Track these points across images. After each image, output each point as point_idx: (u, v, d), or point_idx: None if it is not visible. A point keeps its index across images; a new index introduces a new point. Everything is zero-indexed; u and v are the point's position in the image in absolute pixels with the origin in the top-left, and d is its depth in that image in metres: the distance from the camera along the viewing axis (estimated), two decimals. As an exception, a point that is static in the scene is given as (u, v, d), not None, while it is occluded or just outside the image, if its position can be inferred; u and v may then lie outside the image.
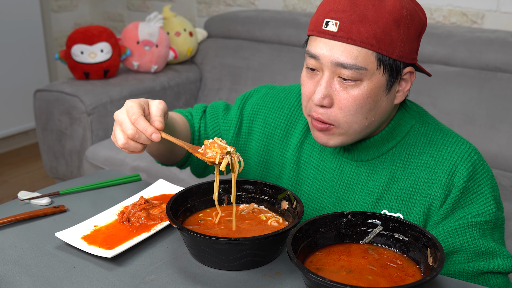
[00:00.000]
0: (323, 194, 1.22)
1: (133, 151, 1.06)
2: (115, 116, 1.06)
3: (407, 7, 1.04)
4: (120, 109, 1.07)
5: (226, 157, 1.04)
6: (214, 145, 1.06)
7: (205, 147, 1.07)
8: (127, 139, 1.04)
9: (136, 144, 1.05)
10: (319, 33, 1.05)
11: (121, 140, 1.04)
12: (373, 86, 1.05)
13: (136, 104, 1.05)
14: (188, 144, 1.09)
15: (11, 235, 1.09)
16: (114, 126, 1.07)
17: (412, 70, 1.09)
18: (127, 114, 1.04)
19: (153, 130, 1.03)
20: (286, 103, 1.29)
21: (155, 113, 1.07)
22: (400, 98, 1.11)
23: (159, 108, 1.08)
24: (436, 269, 0.85)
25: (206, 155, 1.05)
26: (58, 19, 3.95)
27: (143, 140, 1.04)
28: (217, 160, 1.04)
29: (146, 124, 1.03)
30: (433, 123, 1.18)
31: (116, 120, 1.06)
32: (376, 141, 1.15)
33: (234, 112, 1.32)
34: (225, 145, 1.06)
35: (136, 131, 1.03)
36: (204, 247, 0.97)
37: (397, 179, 1.15)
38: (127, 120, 1.04)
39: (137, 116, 1.03)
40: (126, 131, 1.03)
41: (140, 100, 1.07)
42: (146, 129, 1.03)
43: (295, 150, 1.25)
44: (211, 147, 1.06)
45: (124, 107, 1.06)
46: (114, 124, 1.07)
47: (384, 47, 1.02)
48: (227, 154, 1.04)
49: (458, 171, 1.10)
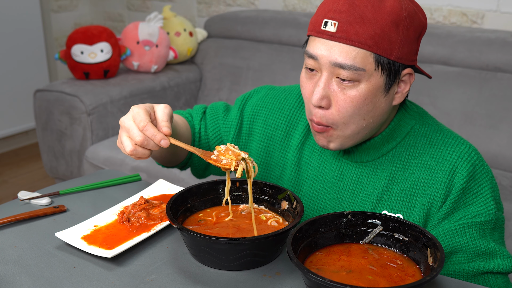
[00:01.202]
0: (323, 195, 1.22)
1: (141, 157, 1.06)
2: (121, 123, 1.06)
3: (407, 8, 1.04)
4: (125, 115, 1.07)
5: (241, 163, 1.04)
6: (228, 152, 1.05)
7: (218, 153, 1.06)
8: (135, 145, 1.04)
9: (144, 151, 1.05)
10: (318, 33, 1.05)
11: (129, 147, 1.04)
12: (371, 87, 1.05)
13: (142, 110, 1.05)
14: (199, 149, 1.08)
15: (11, 235, 1.09)
16: (120, 132, 1.07)
17: (411, 72, 1.08)
18: (133, 121, 1.04)
19: (161, 136, 1.03)
20: (287, 104, 1.29)
21: (161, 118, 1.07)
22: (399, 100, 1.10)
23: (165, 112, 1.08)
24: (436, 269, 0.85)
25: (221, 162, 1.05)
26: (58, 19, 3.95)
27: (152, 146, 1.04)
28: (233, 167, 1.04)
29: (154, 130, 1.03)
30: (433, 123, 1.18)
31: (123, 126, 1.06)
32: (376, 143, 1.15)
33: (234, 113, 1.32)
34: (239, 151, 1.06)
35: (145, 138, 1.03)
36: (204, 247, 0.97)
37: (397, 180, 1.15)
38: (135, 127, 1.04)
39: (145, 123, 1.03)
40: (134, 138, 1.03)
41: (145, 106, 1.07)
42: (155, 135, 1.03)
43: (296, 151, 1.25)
44: (225, 153, 1.05)
45: (130, 113, 1.06)
46: (120, 130, 1.07)
47: (383, 48, 1.02)
48: (242, 161, 1.04)
49: (458, 171, 1.10)
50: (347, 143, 1.11)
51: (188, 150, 1.08)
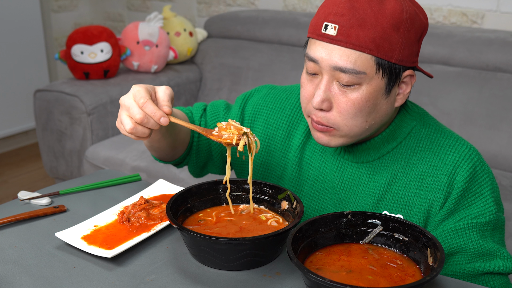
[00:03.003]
0: (324, 195, 1.22)
1: (140, 136, 1.05)
2: (121, 101, 1.05)
3: (408, 10, 1.03)
4: (126, 95, 1.06)
5: (243, 137, 1.04)
6: (229, 127, 1.05)
7: (219, 129, 1.06)
8: (135, 123, 1.03)
9: (144, 129, 1.04)
10: (318, 36, 1.05)
11: (129, 125, 1.03)
12: (372, 90, 1.05)
13: (143, 89, 1.04)
14: (199, 127, 1.08)
15: (11, 235, 1.09)
16: (120, 112, 1.06)
17: (412, 73, 1.08)
18: (134, 99, 1.03)
19: (161, 114, 1.03)
20: (288, 104, 1.29)
21: (162, 97, 1.06)
22: (401, 101, 1.10)
23: (166, 93, 1.07)
24: (436, 269, 0.85)
25: (222, 136, 1.04)
26: (58, 19, 3.94)
27: (151, 124, 1.03)
28: (234, 141, 1.03)
29: (154, 108, 1.02)
30: (434, 124, 1.17)
31: (123, 105, 1.04)
32: (376, 143, 1.15)
33: (235, 112, 1.32)
34: (240, 126, 1.06)
35: (145, 116, 1.02)
36: (204, 247, 0.97)
37: (398, 181, 1.15)
38: (135, 104, 1.03)
39: (145, 100, 1.02)
40: (134, 115, 1.02)
41: (146, 85, 1.06)
42: (154, 113, 1.02)
43: (297, 151, 1.25)
44: (226, 128, 1.05)
45: (131, 91, 1.05)
46: (120, 109, 1.06)
47: (383, 51, 1.02)
48: (244, 135, 1.04)
49: (458, 172, 1.10)
50: (349, 141, 1.11)
51: (188, 127, 1.08)
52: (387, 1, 1.03)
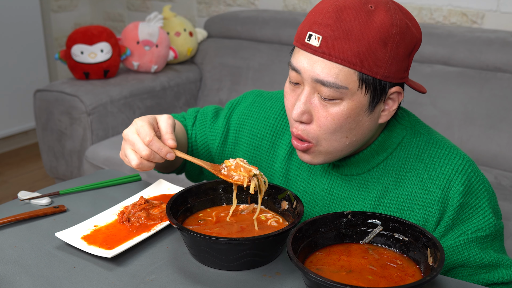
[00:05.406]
0: (313, 207, 1.19)
1: (146, 169, 1.07)
2: (125, 136, 1.06)
3: (398, 23, 0.97)
4: (128, 128, 1.07)
5: (253, 179, 1.04)
6: (239, 168, 1.05)
7: (228, 169, 1.06)
8: (140, 159, 1.05)
9: (150, 164, 1.06)
10: (302, 46, 1.00)
11: (135, 160, 1.05)
12: (354, 106, 1.00)
13: (146, 124, 1.05)
14: (207, 163, 1.08)
15: (11, 235, 1.09)
16: (123, 145, 1.07)
17: (399, 90, 1.03)
18: (138, 135, 1.04)
19: (167, 150, 1.05)
20: (272, 113, 1.25)
21: (165, 130, 1.08)
22: (385, 118, 1.05)
23: (169, 124, 1.08)
24: (436, 269, 0.85)
25: (232, 177, 1.05)
26: (58, 19, 3.95)
27: (158, 159, 1.05)
28: (245, 183, 1.04)
29: (160, 144, 1.04)
30: (426, 133, 1.13)
31: (127, 139, 1.06)
32: (365, 156, 1.11)
33: (221, 121, 1.30)
34: (249, 166, 1.05)
35: (151, 152, 1.04)
36: (204, 247, 0.97)
37: (390, 194, 1.11)
38: (140, 141, 1.04)
39: (150, 137, 1.03)
40: (140, 152, 1.04)
41: (148, 118, 1.07)
42: (161, 149, 1.04)
43: (283, 162, 1.21)
44: (236, 170, 1.05)
45: (134, 126, 1.06)
46: (124, 143, 1.07)
47: (368, 66, 0.96)
48: (254, 177, 1.04)
49: (452, 185, 1.06)
50: (331, 159, 1.07)
51: (195, 163, 1.09)
52: (376, 13, 0.97)
